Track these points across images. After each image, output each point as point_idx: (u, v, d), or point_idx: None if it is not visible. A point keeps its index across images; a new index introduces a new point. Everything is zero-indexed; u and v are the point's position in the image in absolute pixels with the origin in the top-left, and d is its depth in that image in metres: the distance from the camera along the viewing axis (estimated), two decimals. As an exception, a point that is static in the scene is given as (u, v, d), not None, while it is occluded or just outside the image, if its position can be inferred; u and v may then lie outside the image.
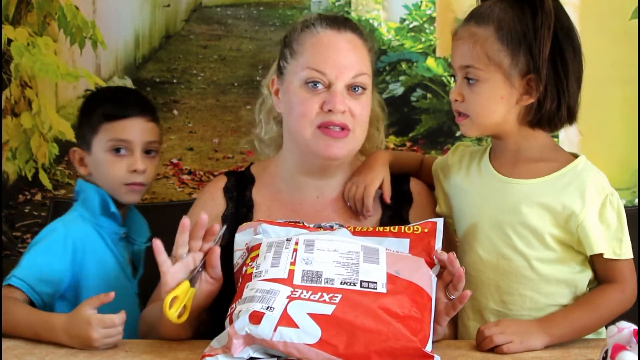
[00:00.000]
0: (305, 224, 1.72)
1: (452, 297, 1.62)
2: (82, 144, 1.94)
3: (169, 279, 1.63)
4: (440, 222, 1.68)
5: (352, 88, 1.81)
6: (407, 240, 1.65)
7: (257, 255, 1.61)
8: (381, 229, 1.70)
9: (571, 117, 1.72)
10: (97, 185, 1.92)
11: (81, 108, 1.99)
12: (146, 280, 1.98)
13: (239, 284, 1.61)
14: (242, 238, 1.71)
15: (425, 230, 1.66)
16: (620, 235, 1.68)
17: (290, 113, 1.85)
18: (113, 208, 1.90)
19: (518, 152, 1.75)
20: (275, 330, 1.45)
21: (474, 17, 1.71)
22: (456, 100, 1.72)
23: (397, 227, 1.69)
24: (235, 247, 1.70)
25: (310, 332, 1.45)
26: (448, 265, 1.60)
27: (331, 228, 1.71)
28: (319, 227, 1.72)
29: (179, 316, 1.61)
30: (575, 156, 1.74)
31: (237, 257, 1.68)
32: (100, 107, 1.92)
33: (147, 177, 1.93)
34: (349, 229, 1.69)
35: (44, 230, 1.87)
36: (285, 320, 1.46)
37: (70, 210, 1.93)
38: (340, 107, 1.79)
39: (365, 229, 1.71)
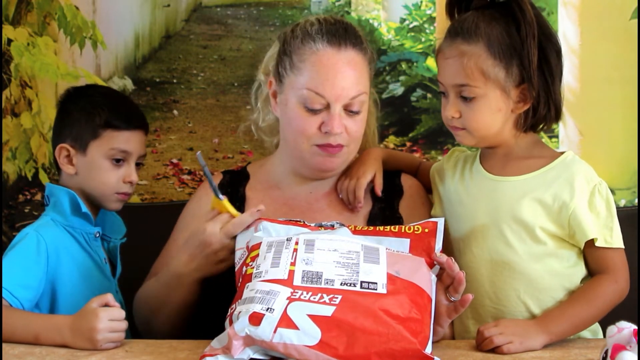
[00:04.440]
0: (306, 222, 1.72)
1: (453, 299, 1.62)
2: (75, 142, 1.91)
3: None
4: (441, 222, 1.68)
5: (351, 109, 1.82)
6: (408, 240, 1.66)
7: (257, 255, 1.61)
8: (381, 228, 1.70)
9: (558, 116, 1.78)
10: (82, 187, 1.91)
11: (74, 105, 1.94)
12: (124, 277, 1.98)
13: (239, 284, 1.61)
14: (243, 237, 1.71)
15: (426, 230, 1.67)
16: (610, 224, 1.70)
17: (288, 125, 1.87)
18: (84, 208, 1.88)
19: (508, 153, 1.78)
20: (275, 331, 1.45)
21: (460, 33, 1.73)
22: (452, 117, 1.75)
23: (397, 226, 1.69)
24: (236, 246, 1.71)
25: (310, 334, 1.45)
26: (447, 270, 1.61)
27: (332, 227, 1.71)
28: (320, 226, 1.72)
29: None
30: (563, 153, 1.78)
31: (238, 256, 1.68)
32: (105, 112, 1.90)
33: (134, 188, 1.96)
34: (350, 228, 1.69)
35: (16, 237, 1.85)
36: (285, 321, 1.46)
37: (42, 216, 1.92)
38: (338, 129, 1.81)
39: (366, 228, 1.71)
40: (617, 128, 2.48)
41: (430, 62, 2.53)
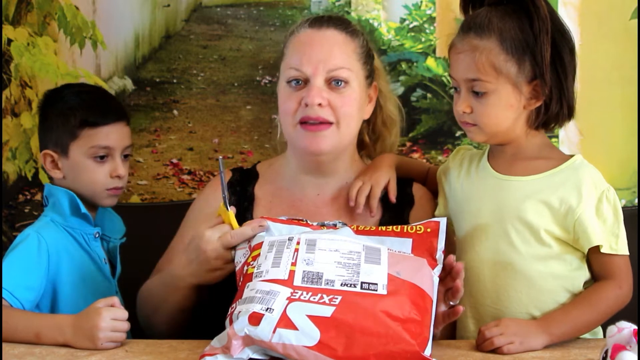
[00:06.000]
0: (308, 222, 1.72)
1: (452, 303, 1.62)
2: (56, 147, 1.91)
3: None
4: (443, 221, 1.68)
5: (333, 82, 1.83)
6: (410, 240, 1.65)
7: (259, 255, 1.61)
8: (384, 228, 1.70)
9: (571, 114, 1.76)
10: (73, 189, 1.90)
11: (50, 109, 1.93)
12: (124, 277, 1.98)
13: (239, 282, 1.61)
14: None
15: (428, 230, 1.66)
16: (616, 231, 1.70)
17: (280, 112, 1.89)
18: (83, 209, 1.88)
19: (517, 153, 1.77)
20: (274, 331, 1.45)
21: (473, 28, 1.72)
22: (464, 112, 1.73)
23: (399, 226, 1.69)
24: (238, 246, 1.70)
25: (309, 334, 1.45)
26: (454, 274, 1.61)
27: (334, 226, 1.70)
28: (322, 225, 1.71)
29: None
30: (572, 156, 1.77)
31: (240, 255, 1.68)
32: (79, 111, 1.88)
33: (124, 181, 1.94)
34: (352, 227, 1.69)
35: (17, 238, 1.85)
36: (285, 321, 1.46)
37: (41, 217, 1.92)
38: (316, 99, 1.81)
39: (368, 228, 1.71)
40: (617, 128, 2.48)
41: (430, 62, 2.53)
